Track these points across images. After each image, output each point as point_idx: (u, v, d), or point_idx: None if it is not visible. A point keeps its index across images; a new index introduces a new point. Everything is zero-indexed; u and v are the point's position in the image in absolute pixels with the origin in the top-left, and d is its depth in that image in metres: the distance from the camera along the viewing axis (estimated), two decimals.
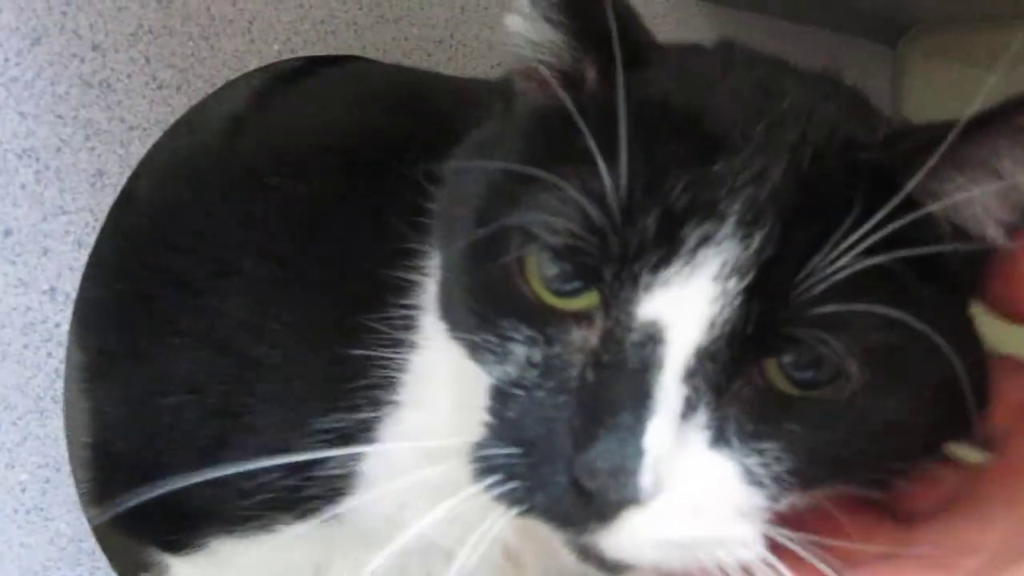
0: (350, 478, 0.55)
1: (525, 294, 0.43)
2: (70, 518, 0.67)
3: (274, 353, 0.58)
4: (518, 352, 0.43)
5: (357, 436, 0.54)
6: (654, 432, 0.39)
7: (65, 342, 0.66)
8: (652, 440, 0.39)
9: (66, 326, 0.66)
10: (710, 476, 0.40)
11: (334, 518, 0.56)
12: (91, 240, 0.67)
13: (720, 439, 0.41)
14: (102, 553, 0.68)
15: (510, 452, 0.42)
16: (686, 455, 0.40)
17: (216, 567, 0.63)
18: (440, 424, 0.53)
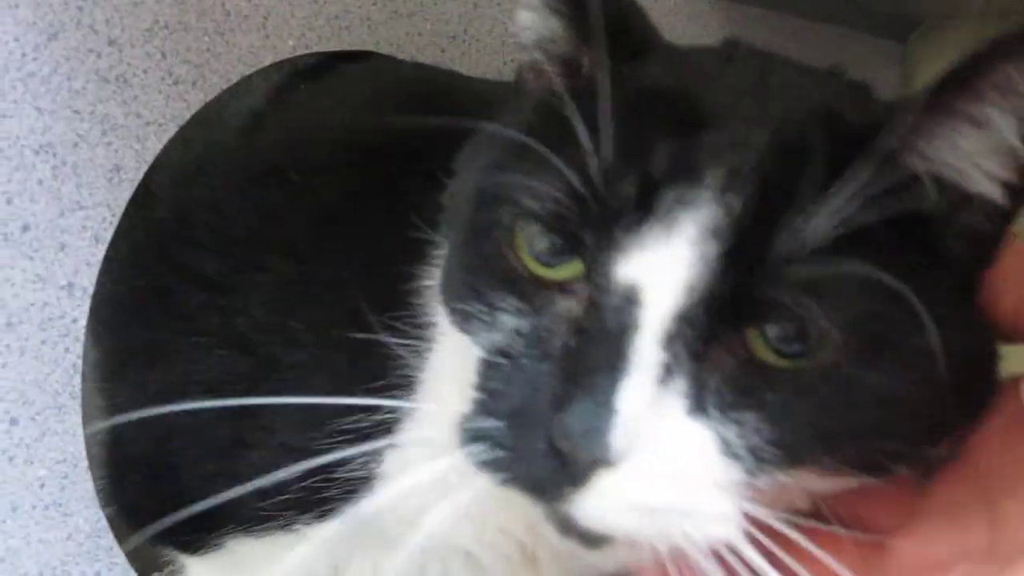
0: (368, 478, 0.55)
1: (514, 266, 0.44)
2: (88, 514, 0.67)
3: (295, 353, 0.58)
4: (506, 322, 0.43)
5: (376, 436, 0.55)
6: (627, 393, 0.39)
7: (83, 338, 0.66)
8: (624, 400, 0.39)
9: (83, 321, 0.66)
10: (686, 444, 0.40)
11: (352, 518, 0.56)
12: (108, 235, 0.67)
13: (699, 407, 0.40)
14: (119, 549, 0.68)
15: (496, 424, 0.42)
16: (662, 420, 0.39)
17: (233, 567, 0.63)
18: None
